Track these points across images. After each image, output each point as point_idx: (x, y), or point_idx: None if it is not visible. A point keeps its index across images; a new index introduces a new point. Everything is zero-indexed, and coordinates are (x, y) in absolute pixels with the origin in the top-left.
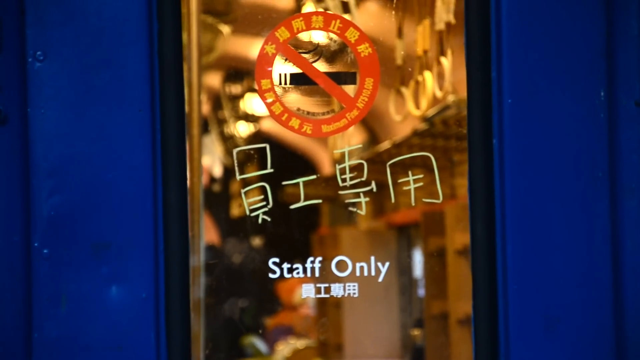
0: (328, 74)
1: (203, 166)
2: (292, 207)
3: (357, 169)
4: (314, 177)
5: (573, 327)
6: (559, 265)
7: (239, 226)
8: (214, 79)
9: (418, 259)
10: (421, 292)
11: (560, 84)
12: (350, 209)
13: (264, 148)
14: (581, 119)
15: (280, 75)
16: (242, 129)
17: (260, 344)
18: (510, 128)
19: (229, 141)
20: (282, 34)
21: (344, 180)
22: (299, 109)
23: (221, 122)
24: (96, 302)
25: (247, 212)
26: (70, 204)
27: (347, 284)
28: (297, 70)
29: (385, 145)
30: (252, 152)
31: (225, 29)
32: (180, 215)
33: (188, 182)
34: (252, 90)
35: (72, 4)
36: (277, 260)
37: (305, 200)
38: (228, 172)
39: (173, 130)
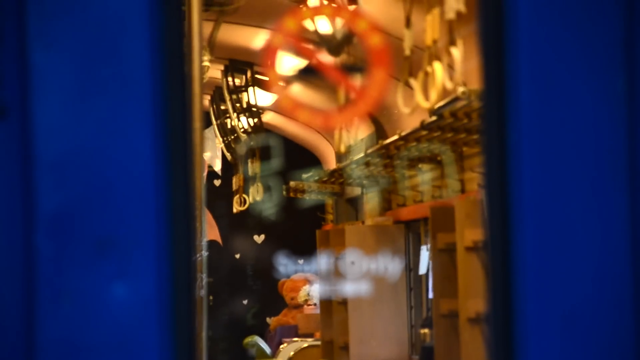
0: (336, 65)
1: (205, 161)
2: (298, 202)
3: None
4: (320, 170)
5: (592, 325)
6: (577, 262)
7: (242, 222)
8: (216, 71)
9: (426, 255)
10: (430, 289)
11: (580, 76)
12: (358, 203)
13: (270, 141)
14: (601, 112)
15: (287, 67)
16: (246, 122)
17: (264, 344)
18: (527, 121)
19: (232, 135)
20: (290, 25)
21: (350, 174)
22: (306, 102)
23: (224, 115)
24: (99, 300)
25: (251, 208)
26: (73, 199)
27: (355, 281)
28: (305, 62)
29: (393, 138)
30: (256, 146)
31: (228, 19)
32: (185, 211)
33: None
34: (256, 82)
35: None
36: (282, 257)
37: (311, 195)
38: (230, 166)
39: (177, 124)
